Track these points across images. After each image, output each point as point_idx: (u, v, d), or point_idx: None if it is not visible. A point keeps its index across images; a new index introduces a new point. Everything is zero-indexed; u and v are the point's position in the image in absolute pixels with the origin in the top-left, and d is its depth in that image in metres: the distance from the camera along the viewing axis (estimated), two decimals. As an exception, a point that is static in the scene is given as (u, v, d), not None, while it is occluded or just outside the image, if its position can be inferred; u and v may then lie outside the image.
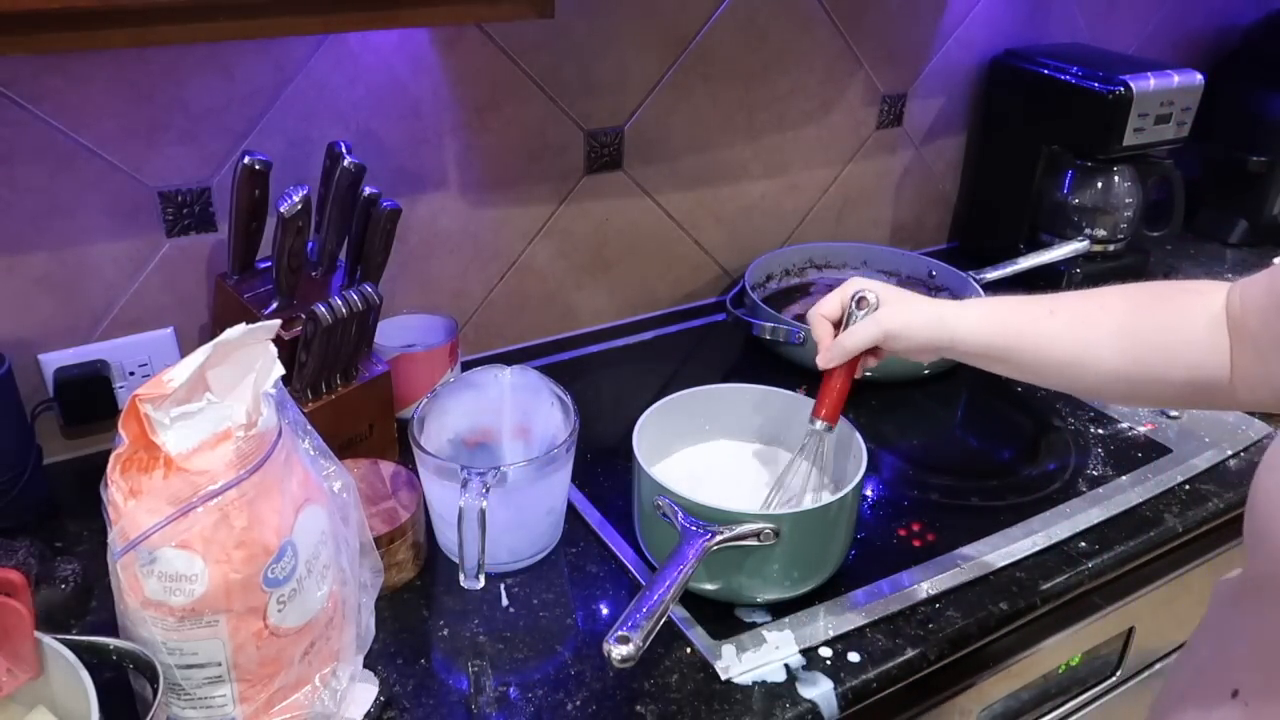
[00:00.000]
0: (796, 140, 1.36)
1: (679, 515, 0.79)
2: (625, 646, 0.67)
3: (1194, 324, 0.71)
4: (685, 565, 0.74)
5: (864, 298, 0.83)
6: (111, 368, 1.00)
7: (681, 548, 0.76)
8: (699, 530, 0.77)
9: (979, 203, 1.57)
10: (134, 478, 0.62)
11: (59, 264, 0.96)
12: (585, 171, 1.21)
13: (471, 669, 0.79)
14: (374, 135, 1.06)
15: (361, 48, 1.01)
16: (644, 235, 1.30)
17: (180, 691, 0.67)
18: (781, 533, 0.78)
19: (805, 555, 0.82)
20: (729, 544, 0.77)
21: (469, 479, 0.78)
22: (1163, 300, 0.74)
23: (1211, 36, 1.75)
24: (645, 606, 0.70)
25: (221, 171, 1.00)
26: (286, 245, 0.88)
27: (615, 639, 0.67)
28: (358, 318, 0.91)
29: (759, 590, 0.83)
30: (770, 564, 0.80)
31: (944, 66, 1.44)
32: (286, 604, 0.67)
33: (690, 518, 0.79)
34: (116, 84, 0.91)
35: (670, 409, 0.93)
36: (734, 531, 0.77)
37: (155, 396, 0.60)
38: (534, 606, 0.85)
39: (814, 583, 0.85)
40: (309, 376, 0.91)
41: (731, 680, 0.77)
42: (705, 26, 1.21)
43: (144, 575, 0.63)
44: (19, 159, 0.90)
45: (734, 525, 0.78)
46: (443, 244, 1.16)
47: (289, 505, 0.67)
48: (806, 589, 0.84)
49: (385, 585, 0.81)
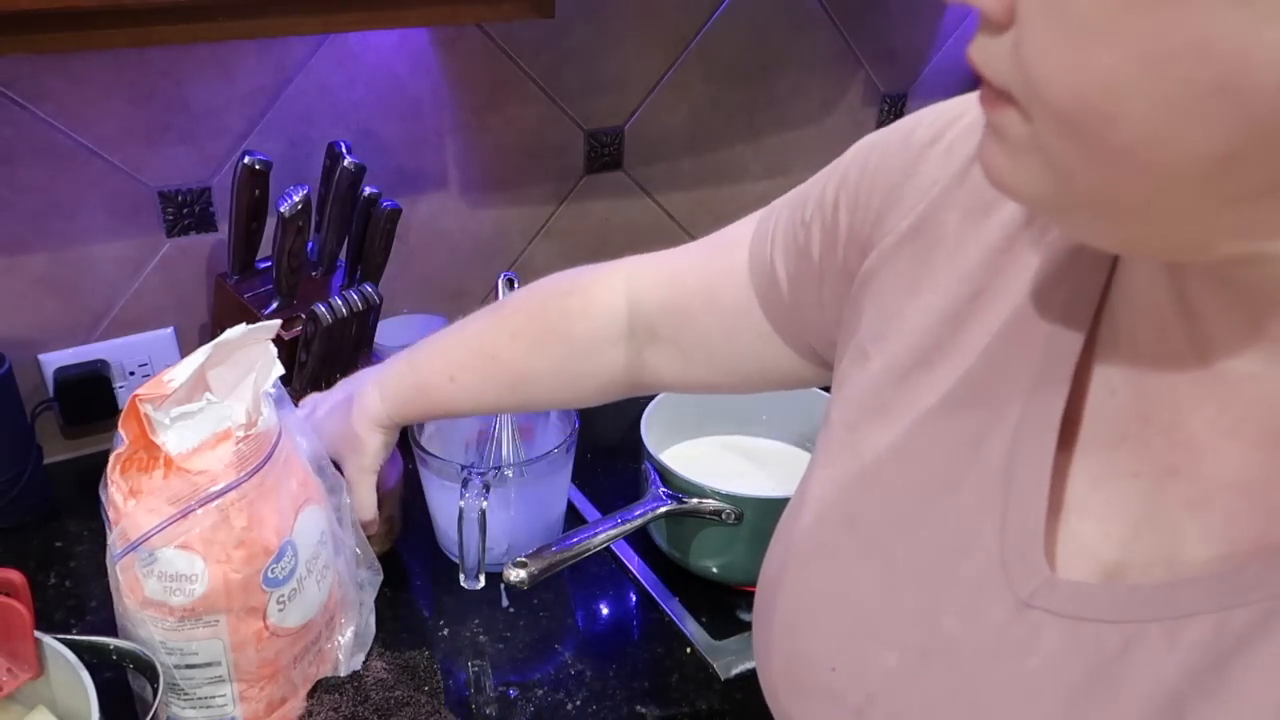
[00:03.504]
0: (796, 140, 1.36)
1: (653, 479, 0.83)
2: (520, 571, 0.72)
3: (595, 339, 0.67)
4: (629, 519, 0.79)
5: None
6: (111, 368, 1.00)
7: (636, 506, 0.81)
8: (662, 496, 0.81)
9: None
10: (134, 478, 0.62)
11: (59, 264, 0.96)
12: (585, 171, 1.21)
13: (471, 669, 0.79)
14: (374, 135, 1.06)
15: (361, 48, 1.01)
16: (644, 235, 1.30)
17: (180, 692, 0.67)
18: (744, 516, 0.80)
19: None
20: (687, 515, 0.80)
21: (469, 479, 0.78)
22: (548, 333, 0.69)
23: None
24: (559, 545, 0.74)
25: (221, 171, 1.00)
26: (286, 245, 0.88)
27: (514, 563, 0.73)
28: (358, 318, 0.91)
29: (730, 571, 0.84)
30: (735, 544, 0.82)
31: (944, 66, 1.44)
32: (287, 604, 0.67)
33: (660, 482, 0.82)
34: (116, 84, 0.91)
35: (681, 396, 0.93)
36: (691, 504, 0.80)
37: (155, 397, 0.60)
38: (534, 606, 0.85)
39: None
40: (309, 376, 0.91)
41: (731, 680, 0.77)
42: (705, 26, 1.21)
43: (144, 575, 0.63)
44: (19, 159, 0.90)
45: (697, 499, 0.80)
46: (443, 244, 1.16)
47: (289, 505, 0.67)
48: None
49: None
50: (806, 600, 0.48)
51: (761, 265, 0.59)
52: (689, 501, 0.80)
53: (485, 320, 0.72)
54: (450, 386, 0.71)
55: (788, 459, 0.95)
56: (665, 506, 0.80)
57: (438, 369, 0.72)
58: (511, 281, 0.89)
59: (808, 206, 0.55)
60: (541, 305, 0.70)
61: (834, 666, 0.45)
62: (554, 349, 0.69)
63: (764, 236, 0.59)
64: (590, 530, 0.77)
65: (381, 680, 0.76)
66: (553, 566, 0.73)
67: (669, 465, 0.82)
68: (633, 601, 0.86)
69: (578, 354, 0.68)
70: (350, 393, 0.77)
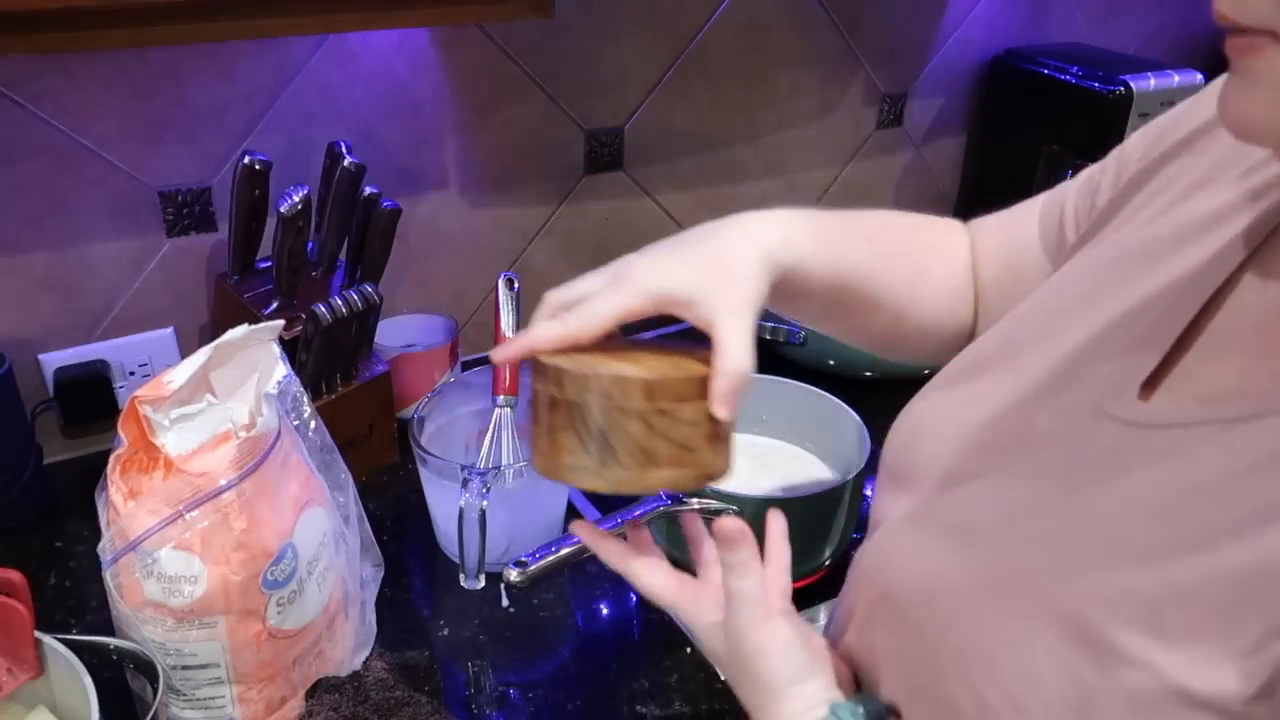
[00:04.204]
0: (796, 140, 1.36)
1: None
2: (520, 571, 0.71)
3: (954, 258, 0.68)
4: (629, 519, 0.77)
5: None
6: (111, 368, 1.00)
7: (637, 505, 0.79)
8: (662, 496, 0.80)
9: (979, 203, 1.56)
10: (134, 479, 0.62)
11: (59, 264, 0.96)
12: (585, 171, 1.21)
13: (471, 669, 0.79)
14: (374, 135, 1.06)
15: (361, 48, 1.01)
16: (644, 235, 1.28)
17: (179, 693, 0.67)
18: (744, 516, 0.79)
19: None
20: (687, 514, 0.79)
21: (469, 479, 0.78)
22: (936, 242, 0.68)
23: (1211, 36, 1.74)
24: (559, 545, 0.73)
25: (221, 171, 1.00)
26: (286, 245, 0.88)
27: (515, 563, 0.71)
28: (358, 318, 0.90)
29: None
30: None
31: (944, 66, 1.44)
32: (286, 606, 0.67)
33: None
34: (116, 84, 0.91)
35: None
36: (693, 505, 0.79)
37: (154, 398, 0.60)
38: (534, 606, 0.85)
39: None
40: (309, 377, 0.91)
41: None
42: (705, 26, 1.21)
43: (143, 576, 0.63)
44: (19, 159, 0.90)
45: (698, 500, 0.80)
46: (443, 244, 1.16)
47: (289, 507, 0.67)
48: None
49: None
50: (935, 405, 0.56)
51: (1052, 212, 0.64)
52: (689, 501, 0.80)
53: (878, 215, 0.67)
54: (867, 249, 0.62)
55: (788, 459, 0.95)
56: (665, 506, 0.80)
57: (851, 226, 0.62)
58: (511, 281, 0.89)
59: (1108, 160, 0.61)
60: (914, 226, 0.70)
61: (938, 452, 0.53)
62: (941, 265, 0.68)
63: (1057, 195, 0.64)
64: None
65: (381, 680, 0.76)
66: (553, 566, 0.73)
67: None
68: (633, 601, 0.86)
69: (955, 273, 0.68)
70: (710, 226, 0.59)
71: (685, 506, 0.80)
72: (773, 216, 0.58)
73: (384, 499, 0.97)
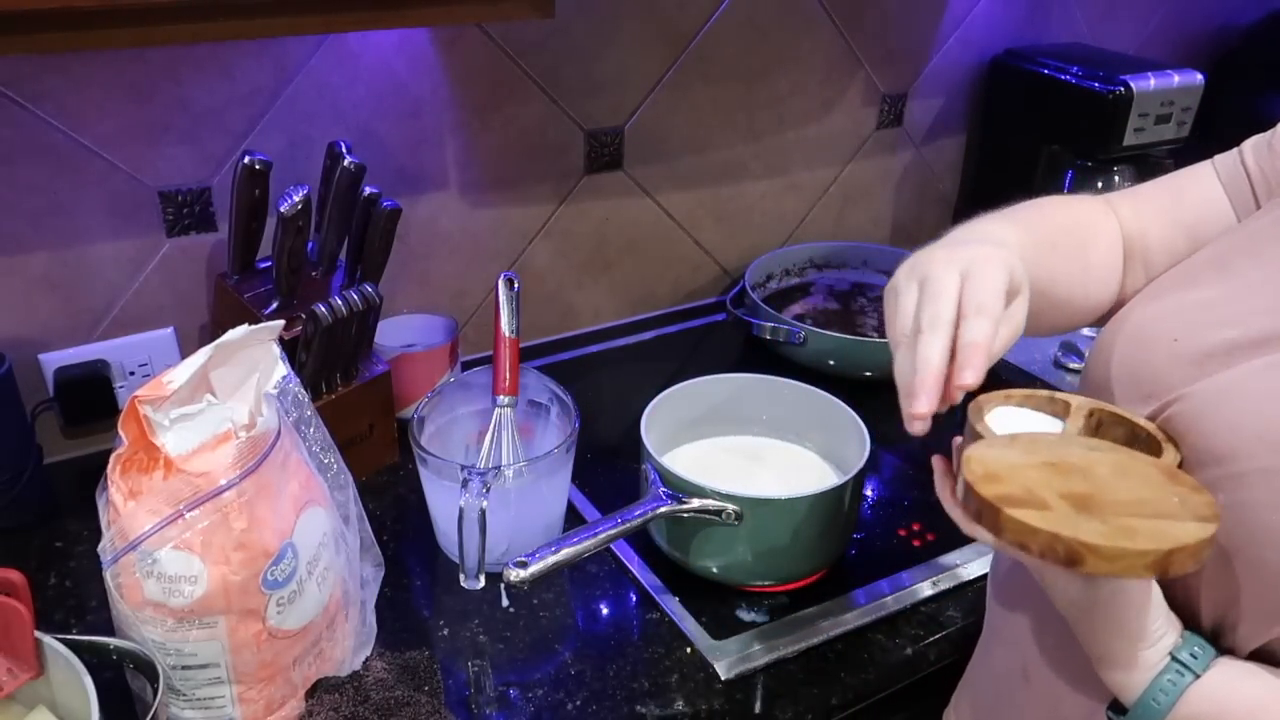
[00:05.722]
0: (796, 140, 1.36)
1: (653, 479, 0.83)
2: (520, 571, 0.72)
3: (1109, 242, 0.72)
4: (629, 519, 0.78)
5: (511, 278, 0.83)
6: (111, 368, 1.00)
7: (636, 506, 0.80)
8: (662, 496, 0.81)
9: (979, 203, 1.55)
10: (134, 479, 0.62)
11: (59, 264, 0.96)
12: (585, 171, 1.21)
13: (471, 669, 0.79)
14: (374, 135, 1.06)
15: (361, 48, 1.01)
16: (644, 235, 1.30)
17: (179, 692, 0.67)
18: (744, 516, 0.80)
19: (771, 542, 0.82)
20: (687, 515, 0.80)
21: (469, 479, 0.78)
22: (1094, 233, 0.72)
23: (1212, 36, 1.74)
24: (559, 545, 0.74)
25: (221, 171, 1.00)
26: (286, 245, 0.88)
27: (515, 563, 0.72)
28: (358, 318, 0.91)
29: (730, 571, 0.84)
30: (735, 544, 0.82)
31: (944, 66, 1.44)
32: (286, 606, 0.67)
33: (660, 482, 0.82)
34: (116, 84, 0.91)
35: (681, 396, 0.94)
36: (692, 504, 0.80)
37: (154, 398, 0.60)
38: (534, 606, 0.85)
39: (790, 574, 0.85)
40: (309, 376, 0.91)
41: (732, 680, 0.77)
42: (705, 26, 1.21)
43: (143, 576, 0.63)
44: (19, 159, 0.90)
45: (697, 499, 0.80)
46: (443, 244, 1.16)
47: (289, 507, 0.67)
48: (784, 579, 0.85)
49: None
50: (1167, 303, 0.62)
51: (1232, 168, 0.69)
52: (689, 501, 0.80)
53: (1044, 214, 0.73)
54: (1051, 255, 0.68)
55: (788, 459, 0.95)
56: (665, 506, 0.80)
57: (1039, 235, 0.68)
58: (511, 281, 0.89)
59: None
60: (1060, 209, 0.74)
61: (1176, 338, 0.58)
62: (1098, 254, 0.72)
63: (1230, 155, 0.70)
64: (590, 530, 0.77)
65: (381, 680, 0.76)
66: (553, 567, 0.73)
67: (669, 466, 0.82)
68: (633, 601, 0.86)
69: (1110, 257, 0.72)
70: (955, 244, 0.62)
71: (685, 506, 0.80)
72: (992, 235, 0.64)
73: (384, 499, 0.97)
